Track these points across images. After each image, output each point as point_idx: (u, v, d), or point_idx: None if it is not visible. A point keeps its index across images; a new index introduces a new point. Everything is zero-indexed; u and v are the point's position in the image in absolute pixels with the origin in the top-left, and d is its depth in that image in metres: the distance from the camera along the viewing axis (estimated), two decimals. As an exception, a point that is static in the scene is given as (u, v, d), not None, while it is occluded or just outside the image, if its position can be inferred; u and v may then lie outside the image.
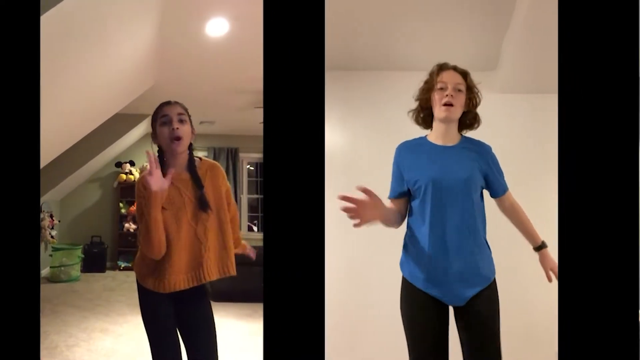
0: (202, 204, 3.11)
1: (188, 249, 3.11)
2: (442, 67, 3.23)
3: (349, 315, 5.02)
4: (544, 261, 3.33)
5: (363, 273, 4.98)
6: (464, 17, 4.18)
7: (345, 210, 2.72)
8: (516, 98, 4.87)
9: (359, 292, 4.99)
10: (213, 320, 3.26)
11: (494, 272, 3.16)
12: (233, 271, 3.21)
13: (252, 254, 3.63)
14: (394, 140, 4.91)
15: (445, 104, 3.12)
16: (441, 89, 3.15)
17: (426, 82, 3.27)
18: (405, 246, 3.23)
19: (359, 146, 5.14)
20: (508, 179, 3.31)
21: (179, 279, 3.10)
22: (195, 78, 7.62)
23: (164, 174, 2.98)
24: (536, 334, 4.87)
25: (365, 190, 2.81)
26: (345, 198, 2.70)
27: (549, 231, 4.36)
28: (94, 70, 5.64)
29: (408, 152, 3.25)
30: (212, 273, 3.14)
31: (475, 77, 3.26)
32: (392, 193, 3.27)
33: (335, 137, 5.08)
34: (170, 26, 5.77)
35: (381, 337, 4.98)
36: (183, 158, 3.18)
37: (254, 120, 9.29)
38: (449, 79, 3.16)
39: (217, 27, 5.80)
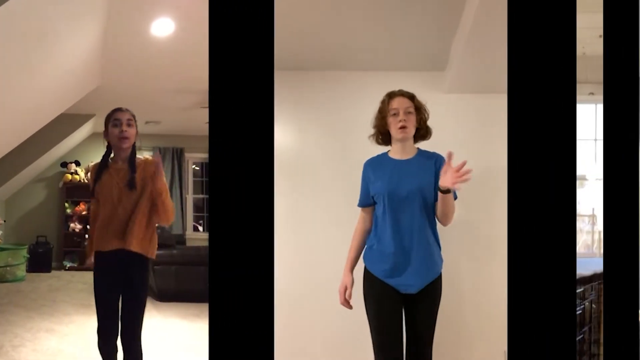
0: (130, 184, 3.79)
1: (117, 221, 3.82)
2: (391, 95, 3.75)
3: (298, 314, 5.01)
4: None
5: (312, 272, 4.98)
6: (413, 18, 4.19)
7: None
8: (465, 98, 4.90)
9: (308, 291, 4.99)
10: (143, 285, 3.89)
11: (441, 267, 3.71)
12: (152, 253, 3.89)
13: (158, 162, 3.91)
14: (343, 140, 4.95)
15: (400, 127, 3.65)
16: (394, 114, 3.68)
17: (380, 112, 3.79)
18: (369, 243, 3.78)
19: (308, 146, 5.12)
20: None
21: (110, 242, 3.82)
22: (141, 78, 7.56)
23: (110, 165, 3.91)
24: (486, 331, 4.91)
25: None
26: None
27: (498, 230, 4.44)
28: (39, 70, 5.58)
29: (371, 168, 3.79)
30: (133, 244, 3.79)
31: (424, 77, 3.44)
32: (360, 203, 3.86)
33: (284, 136, 5.06)
34: (116, 26, 5.71)
35: (331, 336, 4.99)
36: (126, 153, 3.90)
37: (199, 120, 9.26)
38: (399, 104, 3.68)
39: (162, 27, 5.76)
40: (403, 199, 3.58)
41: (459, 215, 3.67)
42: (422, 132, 3.78)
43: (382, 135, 3.82)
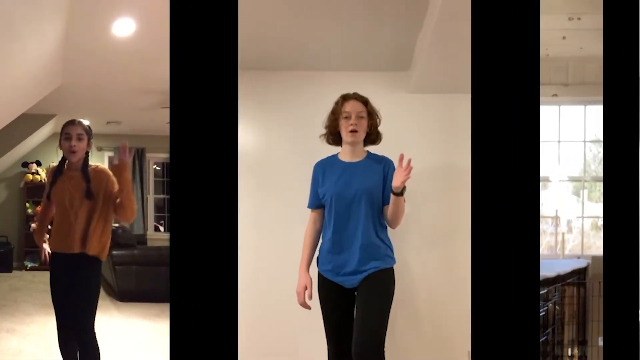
0: (87, 194, 3.90)
1: (72, 225, 3.94)
2: (345, 98, 3.83)
3: (263, 313, 5.02)
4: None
5: (277, 271, 4.97)
6: (377, 18, 4.19)
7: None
8: (429, 98, 4.92)
9: (274, 291, 4.98)
10: (93, 284, 3.97)
11: (389, 263, 3.76)
12: (105, 255, 4.03)
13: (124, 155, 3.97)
14: (307, 140, 4.93)
15: (350, 131, 3.73)
16: (346, 117, 3.76)
17: (333, 113, 3.87)
18: (322, 245, 3.91)
19: (272, 145, 5.11)
20: (420, 178, 3.43)
21: (67, 245, 3.95)
22: (102, 78, 7.51)
23: (64, 172, 4.05)
24: (450, 333, 4.91)
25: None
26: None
27: (462, 229, 4.44)
28: (-1, 70, 5.51)
29: (321, 169, 3.90)
30: (90, 248, 3.92)
31: (388, 77, 3.44)
32: (310, 204, 3.97)
33: (248, 136, 5.04)
34: (77, 26, 5.65)
35: (296, 336, 4.98)
36: (78, 164, 4.01)
37: (160, 120, 9.20)
38: (352, 108, 3.76)
39: (123, 27, 5.73)
40: (350, 201, 3.69)
41: (422, 216, 3.67)
42: (373, 137, 3.88)
43: (333, 135, 3.91)
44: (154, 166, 12.62)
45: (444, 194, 4.81)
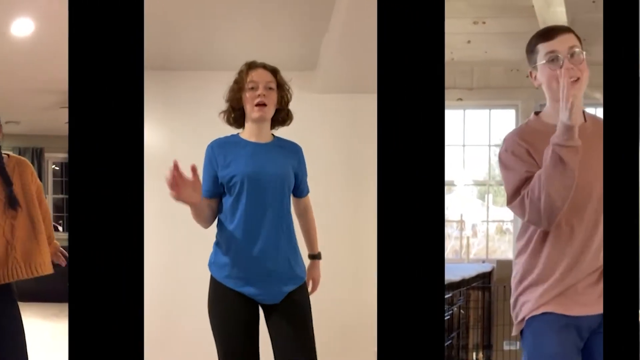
0: (10, 202, 3.13)
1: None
2: (251, 66, 3.17)
3: (168, 314, 5.08)
4: (311, 270, 3.36)
5: (183, 272, 4.95)
6: (283, 17, 4.21)
7: (169, 180, 2.77)
8: (335, 98, 4.95)
9: (179, 291, 4.96)
10: (20, 321, 3.29)
11: (305, 272, 3.18)
12: (48, 269, 3.28)
13: (62, 262, 3.49)
14: (212, 140, 4.91)
15: (257, 104, 3.05)
16: (252, 88, 3.08)
17: (236, 82, 3.19)
18: (216, 245, 3.17)
19: (178, 145, 5.10)
20: (327, 178, 3.37)
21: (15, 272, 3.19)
22: (0, 78, 7.34)
23: None
24: (355, 333, 4.92)
25: (194, 170, 2.77)
26: (175, 167, 2.73)
27: (368, 231, 4.42)
28: None
29: (221, 149, 3.14)
30: (19, 272, 3.19)
31: (294, 77, 3.30)
32: (206, 192, 3.08)
33: (153, 137, 5.01)
34: (-26, 25, 5.49)
35: (202, 336, 4.99)
36: None
37: (59, 120, 9.10)
38: (260, 77, 3.10)
39: (22, 27, 5.59)
40: (266, 187, 2.99)
41: (328, 216, 3.61)
42: (283, 115, 3.22)
43: (235, 113, 3.19)
44: (53, 166, 12.45)
45: (349, 195, 4.83)
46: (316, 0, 4.00)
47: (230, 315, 2.99)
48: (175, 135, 5.13)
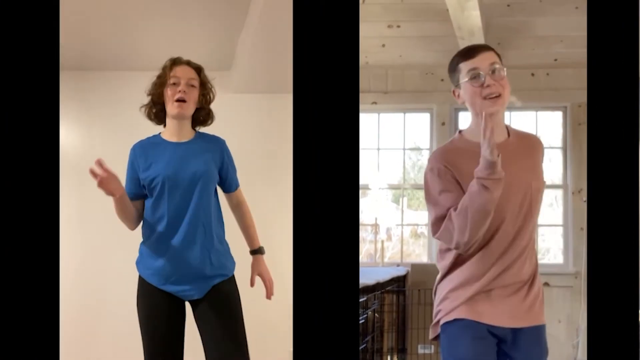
0: None
1: None
2: (175, 62, 3.18)
3: (85, 316, 5.07)
4: (254, 265, 3.37)
5: (98, 273, 4.90)
6: (198, 17, 4.22)
7: (93, 172, 2.79)
8: (251, 98, 4.98)
9: (95, 293, 4.92)
10: None
11: (233, 267, 3.22)
12: None
13: None
14: (130, 140, 4.87)
15: (177, 100, 3.08)
16: (174, 84, 3.10)
17: (159, 77, 3.19)
18: (142, 244, 3.19)
19: (94, 146, 5.19)
20: (242, 179, 3.33)
21: None
22: None
23: None
24: (271, 331, 4.92)
25: (99, 163, 2.84)
26: (98, 162, 2.80)
27: (283, 230, 4.41)
28: None
29: (142, 151, 3.17)
30: None
31: (210, 76, 3.27)
32: (129, 194, 3.12)
33: (70, 137, 4.95)
34: None
35: (117, 337, 4.95)
36: None
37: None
38: (182, 74, 3.12)
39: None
40: (186, 187, 3.04)
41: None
42: (203, 114, 3.26)
43: (156, 107, 3.22)
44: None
45: (265, 196, 4.82)
46: (232, 0, 3.99)
47: (154, 311, 3.07)
48: (92, 135, 5.18)
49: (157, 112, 3.23)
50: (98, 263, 5.05)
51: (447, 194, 2.42)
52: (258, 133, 5.01)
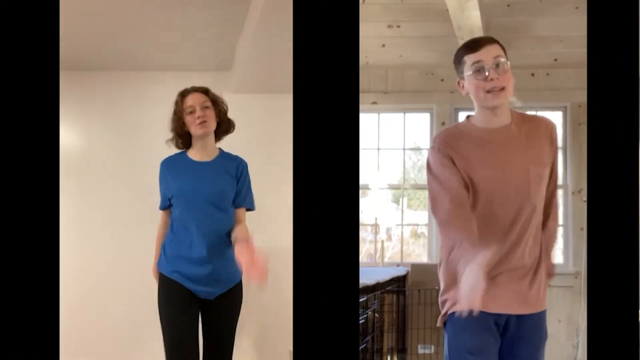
0: None
1: None
2: (183, 94, 3.59)
3: (84, 317, 5.04)
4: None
5: (99, 273, 4.92)
6: (199, 18, 4.19)
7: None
8: (251, 98, 4.97)
9: (95, 293, 4.94)
10: None
11: (240, 276, 3.58)
12: None
13: None
14: (129, 140, 4.88)
15: (199, 123, 3.48)
16: (191, 112, 3.50)
17: (175, 113, 3.59)
18: (164, 247, 3.60)
19: (94, 146, 5.21)
20: None
21: None
22: None
23: None
24: (271, 332, 4.92)
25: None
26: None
27: (283, 231, 4.40)
28: None
29: (167, 168, 3.62)
30: None
31: (210, 77, 3.47)
32: (161, 205, 3.69)
33: (70, 138, 4.95)
34: None
35: (117, 339, 4.97)
36: None
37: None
38: (194, 101, 3.52)
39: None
40: (201, 202, 3.47)
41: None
42: (224, 125, 3.69)
43: (182, 137, 3.63)
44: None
45: (265, 196, 4.80)
46: (232, 0, 3.98)
47: (174, 306, 3.46)
48: (92, 135, 5.18)
49: (183, 141, 3.64)
50: (98, 263, 5.04)
51: (444, 169, 2.52)
52: (258, 133, 4.99)
